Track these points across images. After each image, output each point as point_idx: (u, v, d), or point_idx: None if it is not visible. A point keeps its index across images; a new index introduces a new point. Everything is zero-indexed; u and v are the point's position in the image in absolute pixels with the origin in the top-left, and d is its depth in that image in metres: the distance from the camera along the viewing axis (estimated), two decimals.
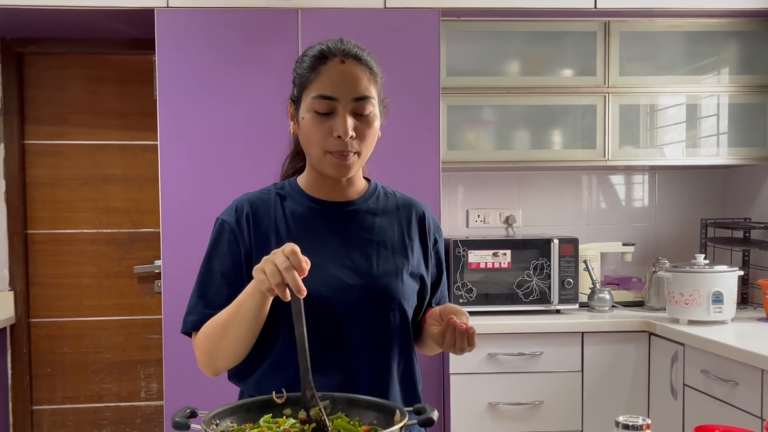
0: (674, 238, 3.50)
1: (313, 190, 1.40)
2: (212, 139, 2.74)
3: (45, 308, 3.43)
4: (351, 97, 1.28)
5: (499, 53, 3.09)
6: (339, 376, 1.31)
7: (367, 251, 1.36)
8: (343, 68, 1.29)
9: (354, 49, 1.32)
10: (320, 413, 1.11)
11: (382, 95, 1.38)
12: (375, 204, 1.42)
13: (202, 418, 1.08)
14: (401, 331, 1.37)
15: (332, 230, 1.37)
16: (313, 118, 1.30)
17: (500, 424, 2.77)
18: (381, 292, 1.33)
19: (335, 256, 1.34)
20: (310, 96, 1.30)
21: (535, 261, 3.00)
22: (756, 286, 3.10)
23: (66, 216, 3.43)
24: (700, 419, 2.46)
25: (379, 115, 1.35)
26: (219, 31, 2.74)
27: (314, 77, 1.30)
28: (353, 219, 1.39)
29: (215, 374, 1.35)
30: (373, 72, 1.33)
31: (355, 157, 1.31)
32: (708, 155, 3.16)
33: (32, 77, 3.39)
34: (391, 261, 1.37)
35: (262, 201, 1.39)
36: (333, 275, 1.32)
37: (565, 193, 3.48)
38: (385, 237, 1.39)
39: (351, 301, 1.32)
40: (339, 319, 1.31)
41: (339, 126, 1.27)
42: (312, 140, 1.31)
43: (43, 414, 3.45)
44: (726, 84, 3.14)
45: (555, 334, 2.83)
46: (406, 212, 1.44)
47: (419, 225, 1.45)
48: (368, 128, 1.31)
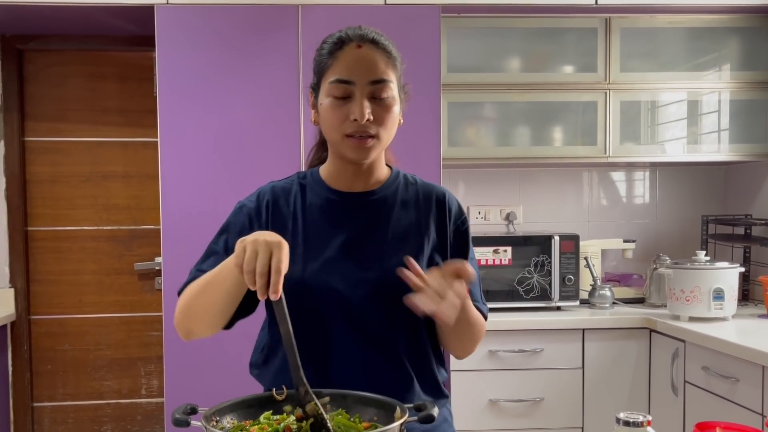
0: (675, 235, 3.50)
1: (333, 180, 1.40)
2: (212, 135, 2.74)
3: (45, 305, 3.43)
4: (367, 81, 1.28)
5: (500, 50, 3.09)
6: (349, 368, 1.31)
7: (380, 243, 1.36)
8: (359, 52, 1.29)
9: (371, 34, 1.32)
10: (316, 407, 1.11)
11: (403, 81, 1.37)
12: (394, 194, 1.41)
13: (202, 415, 1.08)
14: (412, 325, 1.35)
15: (347, 222, 1.37)
16: (331, 103, 1.30)
17: (501, 420, 2.77)
18: (390, 285, 1.31)
19: (348, 248, 1.34)
20: (327, 81, 1.30)
21: (536, 258, 3.00)
22: (757, 283, 3.10)
23: (66, 213, 3.43)
24: (701, 416, 2.45)
25: (399, 100, 1.34)
26: (219, 28, 2.73)
27: (332, 62, 1.30)
28: (370, 210, 1.38)
29: (188, 336, 1.33)
30: (391, 56, 1.32)
31: (373, 141, 1.30)
32: (709, 152, 3.15)
33: (32, 74, 3.39)
34: (405, 253, 1.33)
35: (284, 191, 1.40)
36: (344, 267, 1.33)
37: (566, 190, 3.48)
38: (400, 228, 1.38)
39: (361, 294, 1.32)
40: (349, 311, 1.32)
41: (356, 109, 1.27)
42: (330, 125, 1.31)
43: (44, 411, 3.45)
44: (727, 80, 3.13)
45: (556, 331, 2.83)
46: (425, 201, 1.42)
47: (438, 212, 1.41)
48: (386, 112, 1.30)
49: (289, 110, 2.74)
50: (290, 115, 2.74)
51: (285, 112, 2.74)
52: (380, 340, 1.33)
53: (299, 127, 2.73)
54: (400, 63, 1.35)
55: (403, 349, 1.35)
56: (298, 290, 1.30)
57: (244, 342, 2.51)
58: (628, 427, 1.06)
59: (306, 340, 1.31)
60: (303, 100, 2.74)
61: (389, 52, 1.32)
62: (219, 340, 2.68)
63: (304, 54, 2.73)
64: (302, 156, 2.73)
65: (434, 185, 1.46)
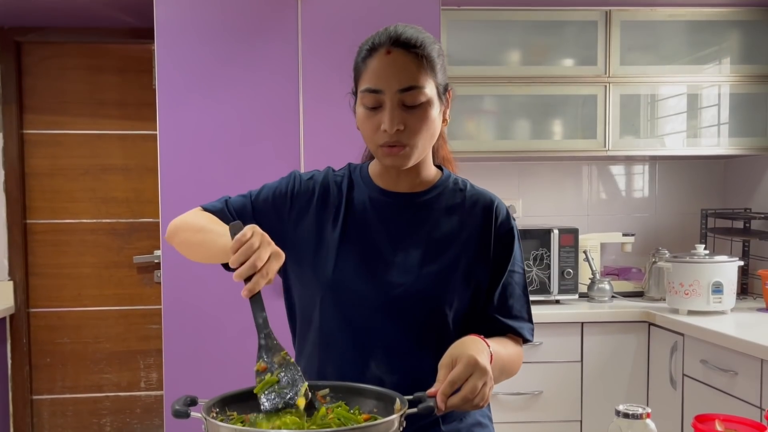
0: (674, 229, 3.50)
1: (379, 178, 1.37)
2: (211, 128, 2.73)
3: (44, 298, 3.43)
4: (396, 89, 1.23)
5: (500, 42, 3.08)
6: (373, 371, 1.29)
7: (417, 248, 1.32)
8: (388, 59, 1.24)
9: (404, 35, 1.25)
10: (287, 357, 1.11)
11: (444, 80, 1.31)
12: (439, 198, 1.37)
13: (202, 406, 1.07)
14: (440, 335, 1.31)
15: (387, 223, 1.34)
16: (364, 113, 1.27)
17: (500, 413, 2.78)
18: (422, 293, 1.29)
19: (384, 251, 1.32)
20: (360, 90, 1.28)
21: (535, 251, 3.00)
22: (756, 277, 3.10)
23: (65, 206, 3.42)
24: (699, 409, 2.46)
25: (439, 102, 1.29)
26: (218, 20, 2.72)
27: (364, 70, 1.27)
28: (412, 212, 1.35)
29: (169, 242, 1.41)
30: (425, 58, 1.25)
31: (407, 150, 1.26)
32: (709, 145, 3.15)
33: (31, 66, 3.38)
34: (441, 261, 1.31)
35: (335, 183, 1.39)
36: (376, 271, 1.31)
37: (566, 183, 3.48)
38: (440, 235, 1.33)
39: (391, 299, 1.29)
40: (378, 315, 1.30)
41: (385, 120, 1.24)
42: (365, 135, 1.30)
43: (43, 404, 3.46)
44: (727, 74, 3.13)
45: (555, 324, 2.83)
46: (471, 208, 1.37)
47: (484, 220, 1.36)
48: (419, 120, 1.25)
49: (289, 102, 2.74)
50: (290, 106, 2.74)
51: (284, 104, 2.74)
52: (403, 346, 1.30)
53: (299, 119, 2.73)
54: (439, 63, 1.29)
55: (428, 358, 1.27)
56: (326, 288, 1.30)
57: (243, 335, 2.51)
58: (627, 420, 1.06)
59: (329, 337, 1.32)
60: (303, 91, 2.73)
61: (422, 55, 1.25)
62: (218, 332, 2.69)
63: (303, 46, 2.72)
64: (302, 148, 2.73)
65: (484, 192, 1.41)
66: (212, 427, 1.01)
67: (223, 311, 2.64)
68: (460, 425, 1.37)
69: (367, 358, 1.30)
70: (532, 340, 1.40)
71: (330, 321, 1.32)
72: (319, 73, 2.71)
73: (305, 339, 1.38)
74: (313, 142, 2.71)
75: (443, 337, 1.30)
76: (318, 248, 1.33)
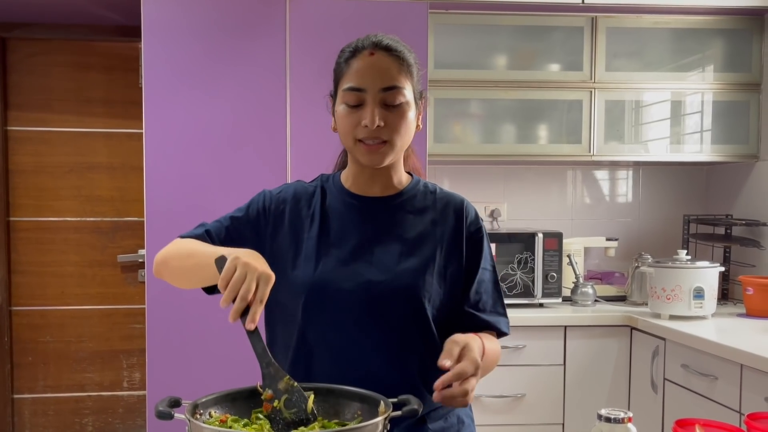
0: (657, 234, 3.53)
1: (352, 184, 1.41)
2: (198, 127, 2.73)
3: (27, 296, 3.41)
4: (379, 88, 1.29)
5: (487, 47, 3.09)
6: (358, 371, 1.30)
7: (393, 248, 1.36)
8: (372, 60, 1.31)
9: (385, 41, 1.33)
10: (290, 381, 1.12)
11: (420, 87, 1.38)
12: (411, 201, 1.41)
13: (186, 407, 1.07)
14: (423, 331, 1.34)
15: (362, 226, 1.38)
16: (345, 110, 1.32)
17: (483, 416, 2.79)
18: (401, 290, 1.32)
19: (361, 251, 1.35)
20: (341, 89, 1.33)
21: (520, 255, 3.02)
22: (737, 282, 3.13)
23: (49, 204, 3.40)
24: (680, 413, 2.48)
25: (415, 106, 1.35)
26: (206, 19, 2.72)
27: (346, 70, 1.33)
28: (385, 215, 1.39)
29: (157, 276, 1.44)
30: (405, 63, 1.33)
31: (386, 146, 1.31)
32: (691, 152, 3.18)
33: (16, 63, 3.36)
34: (417, 259, 1.35)
35: (306, 192, 1.42)
36: (356, 271, 1.33)
37: (551, 188, 3.50)
38: (414, 234, 1.38)
39: (372, 297, 1.32)
40: (361, 315, 1.32)
41: (366, 116, 1.29)
42: (344, 131, 1.33)
43: (24, 403, 3.43)
44: (711, 81, 3.16)
45: (538, 328, 2.85)
46: (443, 210, 1.42)
47: (455, 221, 1.41)
48: (399, 118, 1.31)
49: (276, 102, 2.74)
50: (277, 105, 2.74)
51: (271, 103, 2.74)
52: (387, 343, 1.33)
53: (286, 119, 2.73)
54: (416, 69, 1.36)
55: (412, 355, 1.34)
56: (308, 290, 1.32)
57: (226, 336, 2.51)
58: (609, 424, 1.07)
59: (313, 339, 1.33)
60: (290, 92, 2.73)
61: (403, 59, 1.33)
62: (201, 333, 2.68)
63: (291, 47, 2.73)
64: (288, 149, 2.73)
65: (453, 194, 1.46)
66: (196, 429, 1.01)
67: (207, 311, 2.63)
68: (445, 424, 1.40)
69: (352, 360, 1.32)
70: (509, 333, 1.45)
71: (313, 323, 1.33)
72: (306, 71, 2.71)
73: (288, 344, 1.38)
74: (300, 141, 2.71)
75: (426, 336, 1.34)
76: (296, 255, 1.36)
